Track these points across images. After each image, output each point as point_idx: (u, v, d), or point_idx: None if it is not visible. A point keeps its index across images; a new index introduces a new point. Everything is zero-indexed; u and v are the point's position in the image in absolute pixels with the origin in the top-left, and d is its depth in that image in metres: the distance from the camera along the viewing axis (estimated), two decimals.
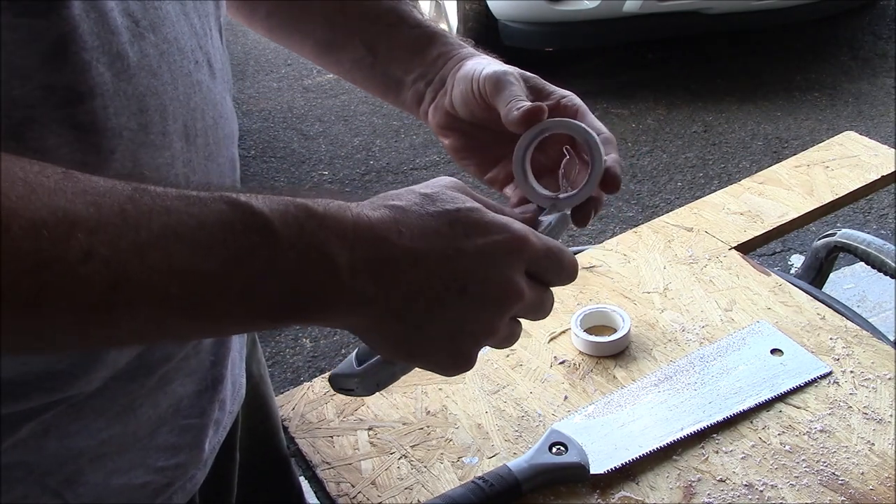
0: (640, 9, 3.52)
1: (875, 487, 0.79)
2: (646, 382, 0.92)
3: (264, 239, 0.46)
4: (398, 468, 0.85)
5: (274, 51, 4.32)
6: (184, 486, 0.67)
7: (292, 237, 0.47)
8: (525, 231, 0.55)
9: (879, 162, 1.27)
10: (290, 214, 0.47)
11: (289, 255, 0.47)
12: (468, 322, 0.53)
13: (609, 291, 1.07)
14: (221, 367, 0.70)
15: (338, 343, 2.50)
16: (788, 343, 0.96)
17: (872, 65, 3.91)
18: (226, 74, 0.65)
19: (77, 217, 0.41)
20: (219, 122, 0.61)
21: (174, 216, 0.44)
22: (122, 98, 0.50)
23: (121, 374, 0.59)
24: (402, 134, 3.53)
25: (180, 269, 0.44)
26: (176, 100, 0.55)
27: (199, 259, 0.44)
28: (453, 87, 0.70)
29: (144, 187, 0.44)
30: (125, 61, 0.50)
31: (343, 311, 0.50)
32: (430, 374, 0.95)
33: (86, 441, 0.59)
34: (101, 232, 0.41)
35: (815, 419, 0.87)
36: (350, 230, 0.49)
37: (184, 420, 0.66)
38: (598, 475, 0.82)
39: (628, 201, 3.04)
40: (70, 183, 0.41)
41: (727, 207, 1.21)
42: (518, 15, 3.65)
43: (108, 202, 0.42)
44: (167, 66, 0.54)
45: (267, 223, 0.46)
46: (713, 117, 3.52)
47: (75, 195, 0.41)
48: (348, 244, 0.49)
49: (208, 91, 0.60)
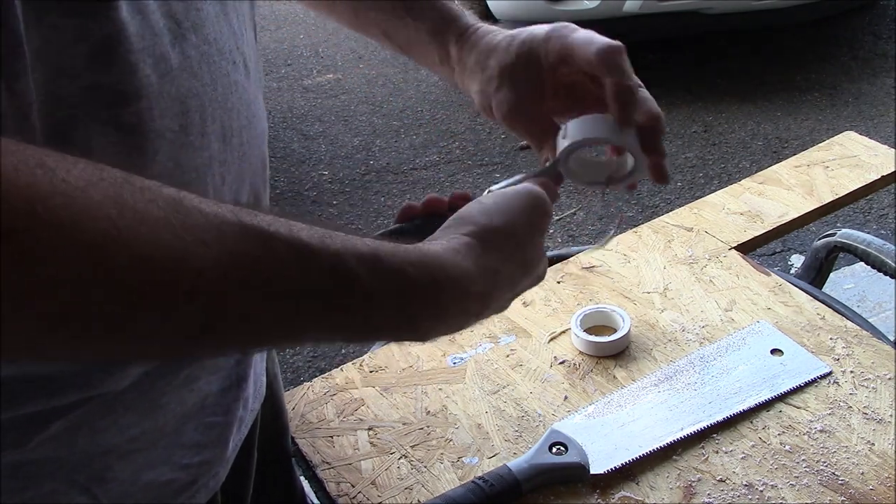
0: (640, 9, 3.52)
1: (875, 487, 0.79)
2: (646, 382, 0.92)
3: (361, 299, 0.49)
4: (398, 468, 0.85)
5: (274, 51, 4.32)
6: (207, 483, 0.68)
7: (387, 305, 0.51)
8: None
9: (879, 162, 1.27)
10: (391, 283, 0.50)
11: (377, 315, 0.51)
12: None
13: (609, 291, 1.07)
14: (245, 366, 0.71)
15: (338, 343, 2.49)
16: (788, 343, 0.95)
17: (872, 65, 3.90)
18: (259, 74, 0.66)
19: (186, 255, 0.40)
20: (252, 121, 0.62)
21: (281, 264, 0.44)
22: (166, 99, 0.51)
23: (150, 371, 0.59)
24: (402, 134, 3.53)
25: (274, 316, 0.45)
26: (215, 101, 0.55)
27: (293, 308, 0.46)
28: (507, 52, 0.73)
29: (254, 227, 0.44)
30: (168, 63, 0.50)
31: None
32: (430, 374, 0.96)
33: (115, 437, 0.59)
34: (207, 273, 0.41)
35: (815, 419, 0.87)
36: (441, 308, 0.54)
37: (209, 417, 0.67)
38: (598, 475, 0.82)
39: (628, 201, 3.04)
40: (184, 216, 0.41)
41: (727, 207, 1.21)
42: (518, 15, 3.65)
43: (215, 239, 0.42)
44: (207, 67, 0.54)
45: (363, 286, 0.49)
46: (713, 117, 3.52)
47: (186, 230, 0.40)
48: (435, 315, 0.54)
49: (244, 91, 0.60)
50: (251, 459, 0.81)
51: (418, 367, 0.97)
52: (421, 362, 0.98)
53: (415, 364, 0.98)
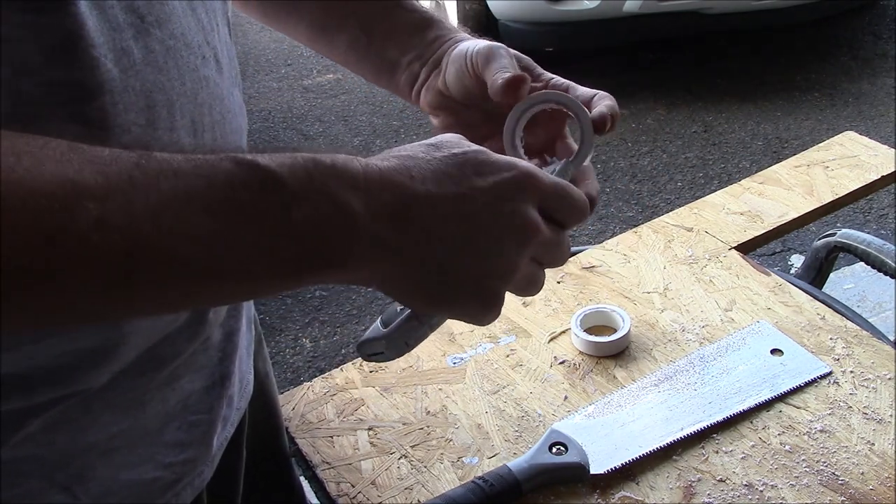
0: (640, 9, 3.52)
1: (875, 487, 0.79)
2: (646, 382, 0.92)
3: (275, 194, 0.46)
4: (398, 468, 0.85)
5: (274, 51, 4.32)
6: (192, 482, 0.68)
7: (303, 189, 0.47)
8: (532, 168, 0.55)
9: (879, 162, 1.27)
10: (298, 166, 0.47)
11: (302, 207, 0.46)
12: (489, 260, 0.53)
13: (609, 291, 1.07)
14: (229, 363, 0.70)
15: (338, 343, 2.50)
16: (788, 343, 0.96)
17: (872, 65, 3.91)
18: (233, 69, 0.66)
19: (85, 186, 0.40)
20: (226, 116, 0.62)
21: (182, 179, 0.43)
22: (130, 94, 0.51)
23: (130, 368, 0.59)
24: (402, 134, 3.53)
25: (195, 231, 0.43)
26: (183, 95, 0.55)
27: (211, 220, 0.44)
28: (448, 66, 0.71)
29: (149, 154, 0.43)
30: (131, 57, 0.50)
31: (363, 261, 0.50)
32: (430, 374, 0.96)
33: (95, 436, 0.59)
34: (110, 199, 0.40)
35: (815, 419, 0.87)
36: (361, 178, 0.49)
37: (192, 416, 0.67)
38: (598, 475, 0.82)
39: (628, 201, 3.04)
40: (75, 154, 0.41)
41: (727, 207, 1.21)
42: (518, 15, 3.65)
43: (115, 170, 0.41)
44: (174, 61, 0.54)
45: (275, 177, 0.46)
46: (713, 117, 3.52)
47: (82, 165, 0.40)
48: (362, 191, 0.48)
49: (215, 86, 0.60)
50: (240, 459, 0.81)
51: (418, 367, 0.98)
52: (421, 362, 0.98)
53: (415, 364, 0.98)
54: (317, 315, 2.61)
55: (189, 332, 0.63)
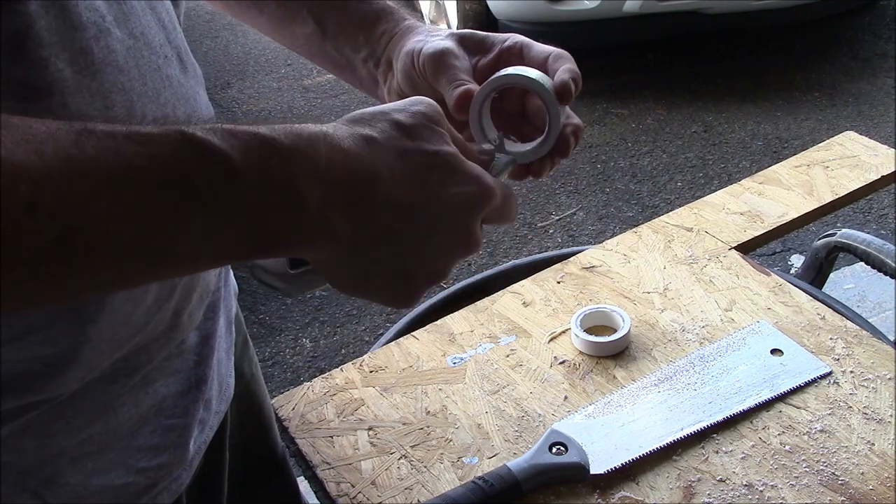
0: (640, 9, 3.52)
1: (875, 487, 0.79)
2: (646, 382, 0.92)
3: (223, 177, 0.44)
4: (398, 468, 0.85)
5: (274, 51, 4.32)
6: (169, 486, 0.67)
7: (254, 175, 0.45)
8: (492, 185, 0.56)
9: (879, 162, 1.27)
10: (253, 150, 0.46)
11: (250, 193, 0.45)
12: (426, 265, 0.54)
13: (609, 291, 1.07)
14: (206, 367, 0.70)
15: (338, 343, 2.50)
16: (788, 343, 0.95)
17: (872, 65, 3.91)
18: (197, 68, 0.65)
19: (18, 167, 0.38)
20: (192, 116, 0.61)
21: (124, 157, 0.42)
22: (86, 94, 0.50)
23: (101, 374, 0.58)
24: None
25: (133, 213, 0.42)
26: (145, 95, 0.54)
27: (152, 201, 0.42)
28: (398, 72, 0.70)
29: (91, 129, 0.42)
30: (89, 57, 0.50)
31: (310, 247, 0.50)
32: (430, 374, 0.96)
33: (65, 441, 0.58)
34: (45, 181, 0.39)
35: (815, 419, 0.87)
36: (322, 166, 0.48)
37: (167, 420, 0.66)
38: (598, 475, 0.82)
39: (628, 201, 3.04)
40: (9, 132, 0.39)
41: (727, 207, 1.21)
42: (518, 15, 3.65)
43: (52, 148, 0.40)
44: (134, 61, 0.54)
45: (226, 160, 0.44)
46: (713, 117, 3.52)
47: (15, 144, 0.39)
48: (320, 180, 0.48)
49: (179, 86, 0.59)
50: (222, 462, 0.80)
51: (418, 367, 0.98)
52: (421, 362, 0.98)
53: (415, 364, 0.98)
54: (317, 315, 2.61)
55: (163, 336, 0.62)
